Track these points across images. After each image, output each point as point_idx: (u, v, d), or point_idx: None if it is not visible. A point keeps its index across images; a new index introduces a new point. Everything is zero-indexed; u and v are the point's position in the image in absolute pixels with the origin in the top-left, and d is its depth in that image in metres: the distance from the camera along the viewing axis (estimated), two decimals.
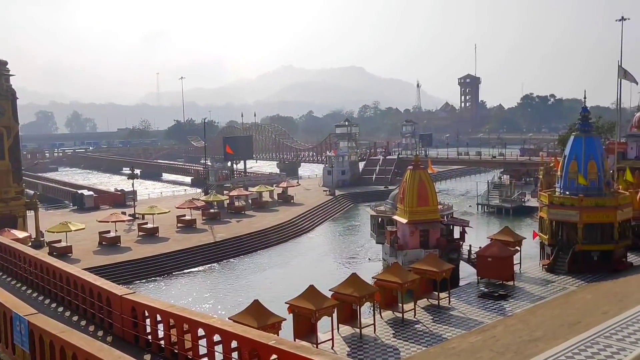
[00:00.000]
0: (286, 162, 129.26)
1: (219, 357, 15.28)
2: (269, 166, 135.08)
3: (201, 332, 15.94)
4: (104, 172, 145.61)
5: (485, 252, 35.30)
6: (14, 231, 43.65)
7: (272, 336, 14.68)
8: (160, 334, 17.76)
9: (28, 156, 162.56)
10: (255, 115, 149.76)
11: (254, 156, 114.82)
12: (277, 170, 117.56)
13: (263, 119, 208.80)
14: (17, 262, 28.09)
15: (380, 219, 46.81)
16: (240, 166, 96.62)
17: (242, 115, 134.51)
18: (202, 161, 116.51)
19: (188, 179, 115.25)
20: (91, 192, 77.41)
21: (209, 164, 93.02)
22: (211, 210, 63.89)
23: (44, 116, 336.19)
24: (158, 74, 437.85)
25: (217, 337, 15.28)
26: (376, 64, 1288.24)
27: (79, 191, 77.79)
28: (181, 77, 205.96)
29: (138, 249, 49.40)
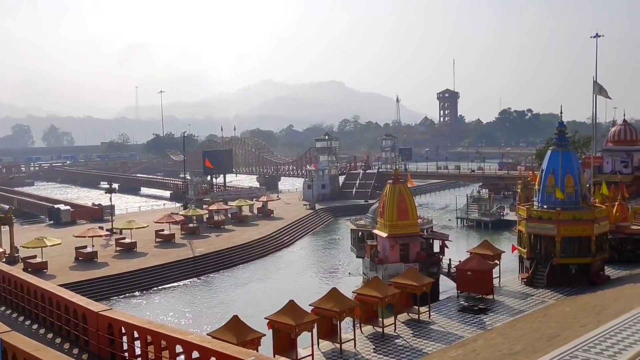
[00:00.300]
0: (266, 176, 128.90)
1: None
2: (249, 180, 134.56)
3: (179, 348, 15.67)
4: (81, 186, 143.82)
5: (464, 265, 35.37)
6: None
7: (252, 352, 14.47)
8: (138, 351, 17.43)
9: (3, 170, 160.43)
10: (235, 129, 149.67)
11: (233, 170, 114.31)
12: (257, 184, 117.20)
13: (243, 133, 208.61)
14: None
15: (360, 233, 46.73)
16: (220, 180, 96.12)
17: (222, 129, 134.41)
18: (182, 175, 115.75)
19: (167, 193, 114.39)
20: (68, 207, 76.34)
21: (189, 178, 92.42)
22: (190, 225, 63.34)
23: (21, 130, 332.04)
24: (137, 87, 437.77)
25: (195, 354, 15.02)
26: (356, 79, 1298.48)
27: (56, 206, 76.67)
28: (161, 91, 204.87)
29: (115, 264, 48.70)
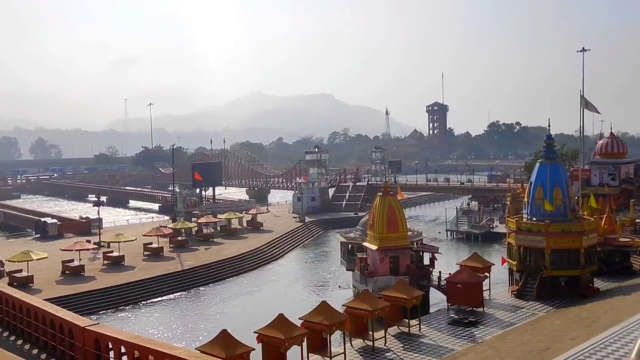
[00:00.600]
0: (256, 188, 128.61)
1: None
2: (238, 193, 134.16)
3: None
4: (69, 199, 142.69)
5: (454, 278, 35.32)
6: None
7: None
8: None
9: None
10: (224, 142, 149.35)
11: (223, 183, 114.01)
12: (246, 197, 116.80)
13: (232, 146, 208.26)
14: None
15: (350, 246, 46.64)
16: (209, 193, 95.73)
17: (211, 142, 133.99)
18: (170, 188, 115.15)
19: (156, 206, 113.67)
20: (55, 220, 75.45)
21: (177, 190, 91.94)
22: (179, 238, 62.91)
23: (8, 142, 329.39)
24: (126, 100, 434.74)
25: None
26: (346, 92, 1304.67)
27: (42, 219, 75.74)
28: (150, 104, 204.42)
29: (103, 278, 48.19)
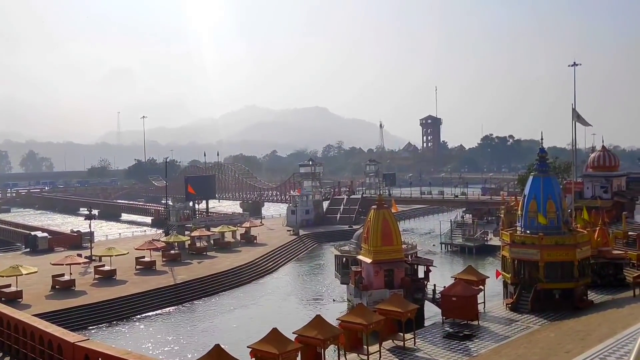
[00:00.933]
0: (249, 201, 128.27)
1: None
2: (232, 206, 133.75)
3: None
4: (60, 212, 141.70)
5: (449, 291, 35.17)
6: None
7: None
8: None
9: None
10: (218, 155, 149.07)
11: (216, 196, 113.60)
12: (240, 210, 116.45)
13: (226, 159, 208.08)
14: None
15: (344, 259, 46.43)
16: (202, 206, 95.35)
17: (204, 155, 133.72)
18: (163, 201, 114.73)
19: (148, 219, 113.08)
20: (45, 234, 74.71)
21: (170, 203, 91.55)
22: (172, 252, 62.50)
23: None
24: (119, 112, 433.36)
25: None
26: (340, 105, 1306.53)
27: (32, 233, 74.99)
28: (143, 116, 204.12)
29: (94, 292, 47.67)
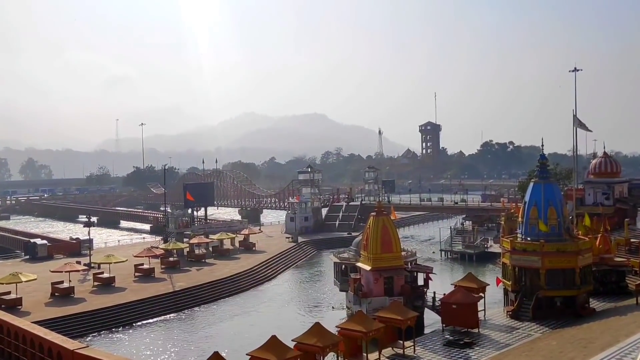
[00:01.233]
0: (248, 208, 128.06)
1: None
2: (230, 213, 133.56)
3: None
4: (59, 220, 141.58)
5: (449, 299, 34.98)
6: None
7: None
8: None
9: None
10: (216, 162, 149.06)
11: (215, 203, 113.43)
12: (238, 217, 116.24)
13: (225, 166, 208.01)
14: None
15: (343, 266, 46.25)
16: (201, 213, 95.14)
17: (203, 162, 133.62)
18: (162, 208, 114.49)
19: (147, 227, 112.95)
20: (44, 241, 74.60)
21: (169, 211, 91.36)
22: (170, 259, 62.28)
23: None
24: (118, 120, 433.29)
25: None
26: (338, 111, 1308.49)
27: (32, 240, 74.87)
28: (141, 124, 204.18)
29: (93, 299, 47.47)
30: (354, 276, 41.94)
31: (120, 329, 43.32)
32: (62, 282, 50.12)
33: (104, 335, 41.83)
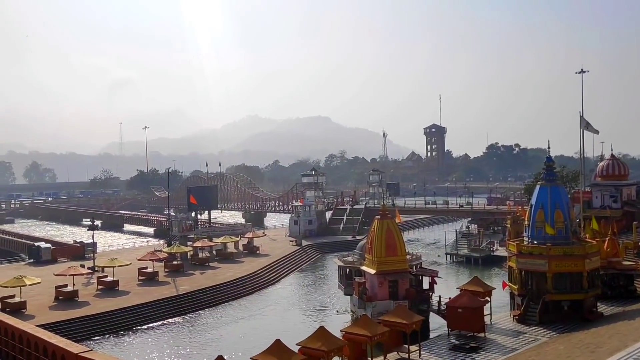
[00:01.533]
0: (252, 212, 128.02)
1: None
2: (234, 216, 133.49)
3: None
4: (63, 223, 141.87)
5: (455, 302, 34.66)
6: None
7: None
8: None
9: None
10: (220, 165, 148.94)
11: (218, 206, 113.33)
12: (242, 221, 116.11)
13: (228, 169, 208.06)
14: None
15: (348, 270, 45.97)
16: (204, 216, 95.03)
17: (206, 165, 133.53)
18: (166, 211, 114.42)
19: (150, 230, 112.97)
20: (48, 245, 74.57)
21: (173, 214, 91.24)
22: (174, 262, 62.13)
23: (2, 167, 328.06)
24: (121, 123, 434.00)
25: None
26: (342, 114, 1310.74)
27: (36, 243, 74.82)
28: (145, 127, 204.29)
29: (97, 303, 47.34)
30: (358, 280, 41.72)
31: (124, 332, 43.17)
32: (66, 285, 50.02)
33: (107, 339, 41.69)
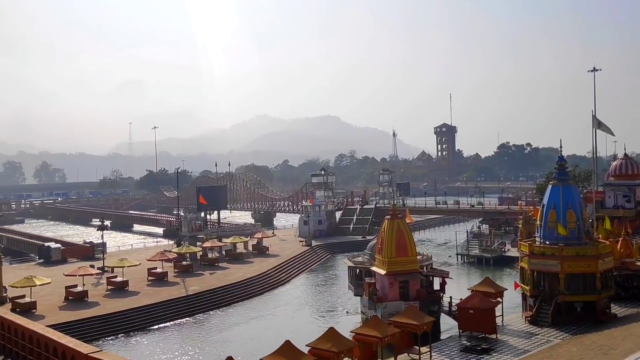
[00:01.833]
0: (261, 212, 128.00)
1: None
2: (243, 216, 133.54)
3: None
4: (73, 223, 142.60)
5: (466, 303, 34.40)
6: None
7: None
8: None
9: None
10: (229, 165, 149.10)
11: (228, 206, 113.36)
12: (251, 221, 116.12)
13: (238, 169, 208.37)
14: None
15: (358, 270, 45.73)
16: (214, 217, 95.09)
17: (216, 165, 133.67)
18: (175, 212, 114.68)
19: (160, 230, 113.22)
20: (58, 245, 74.84)
21: (182, 214, 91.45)
22: (183, 263, 62.11)
23: (12, 167, 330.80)
24: (130, 123, 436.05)
25: None
26: (352, 113, 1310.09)
27: (46, 244, 75.11)
28: (154, 127, 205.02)
29: (106, 303, 47.38)
30: (368, 280, 41.46)
31: (133, 333, 43.16)
32: (75, 285, 50.08)
33: (117, 340, 41.69)
